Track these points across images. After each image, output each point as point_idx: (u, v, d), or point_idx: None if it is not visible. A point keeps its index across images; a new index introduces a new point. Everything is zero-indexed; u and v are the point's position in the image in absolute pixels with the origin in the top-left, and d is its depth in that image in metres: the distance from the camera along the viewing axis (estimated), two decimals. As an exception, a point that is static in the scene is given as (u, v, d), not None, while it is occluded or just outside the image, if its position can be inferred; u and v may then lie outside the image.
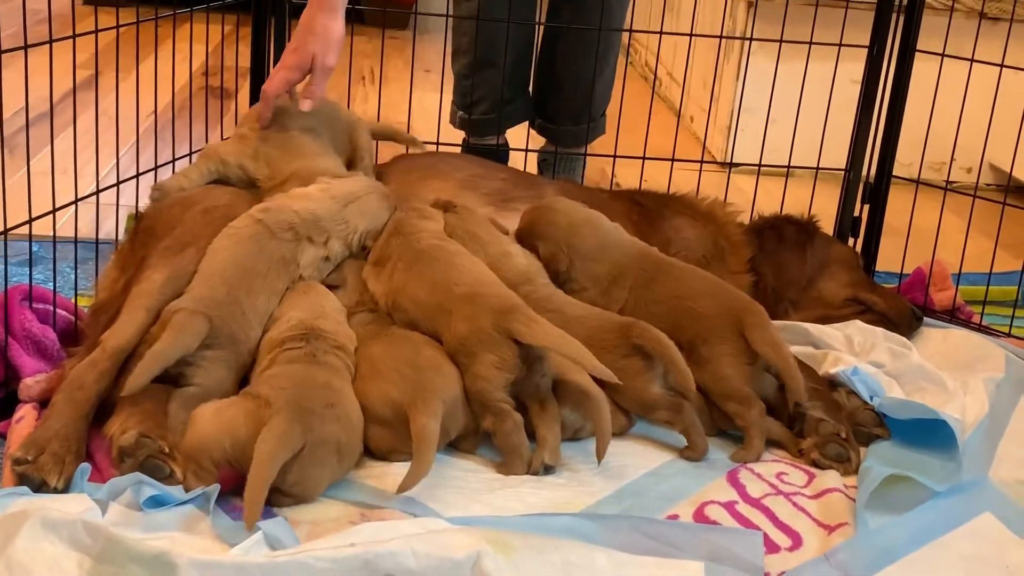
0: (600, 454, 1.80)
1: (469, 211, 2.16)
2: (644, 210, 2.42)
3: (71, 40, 1.95)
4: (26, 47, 1.81)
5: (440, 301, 1.89)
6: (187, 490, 1.61)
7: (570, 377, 1.85)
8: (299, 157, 2.19)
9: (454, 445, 1.84)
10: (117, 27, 2.08)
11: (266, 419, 1.62)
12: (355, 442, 1.73)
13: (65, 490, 1.63)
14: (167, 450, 1.67)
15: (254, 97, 2.60)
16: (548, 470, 1.80)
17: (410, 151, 2.62)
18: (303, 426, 1.64)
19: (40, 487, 1.61)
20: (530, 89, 3.09)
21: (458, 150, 3.01)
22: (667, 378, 1.91)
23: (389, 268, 1.99)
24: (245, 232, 1.96)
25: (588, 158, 3.05)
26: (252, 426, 1.63)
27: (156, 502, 1.58)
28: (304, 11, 2.25)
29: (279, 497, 1.64)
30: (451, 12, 2.92)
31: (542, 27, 2.99)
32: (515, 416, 1.80)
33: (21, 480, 1.62)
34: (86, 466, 1.66)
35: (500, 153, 3.00)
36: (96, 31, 1.99)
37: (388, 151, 2.71)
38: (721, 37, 2.68)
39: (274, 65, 2.58)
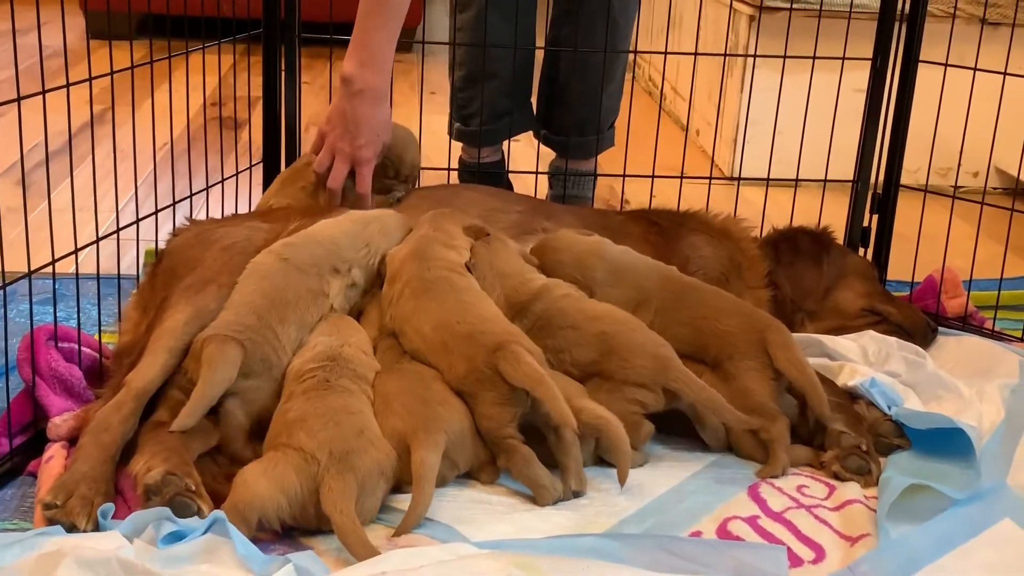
0: (622, 478, 1.80)
1: (501, 242, 2.13)
2: (661, 230, 2.43)
3: (87, 81, 1.98)
4: (44, 91, 1.83)
5: (444, 339, 1.89)
6: None
7: (579, 403, 1.84)
8: None
9: (473, 477, 1.85)
10: (132, 68, 2.10)
11: (317, 475, 1.64)
12: (392, 456, 1.74)
13: (94, 532, 1.62)
14: (194, 487, 1.67)
15: (267, 126, 2.62)
16: (576, 494, 1.81)
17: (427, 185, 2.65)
18: (354, 474, 1.66)
19: (70, 530, 1.62)
20: (532, 100, 3.11)
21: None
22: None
23: (399, 288, 2.00)
24: (272, 268, 1.97)
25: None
26: (306, 483, 1.64)
27: (174, 537, 1.58)
28: (355, 103, 2.35)
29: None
30: (452, 21, 2.94)
31: (544, 42, 3.02)
32: (523, 450, 1.79)
33: (51, 524, 1.63)
34: (109, 505, 1.66)
35: (498, 173, 3.01)
36: (112, 72, 2.02)
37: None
38: (725, 55, 2.70)
39: (286, 94, 2.62)
